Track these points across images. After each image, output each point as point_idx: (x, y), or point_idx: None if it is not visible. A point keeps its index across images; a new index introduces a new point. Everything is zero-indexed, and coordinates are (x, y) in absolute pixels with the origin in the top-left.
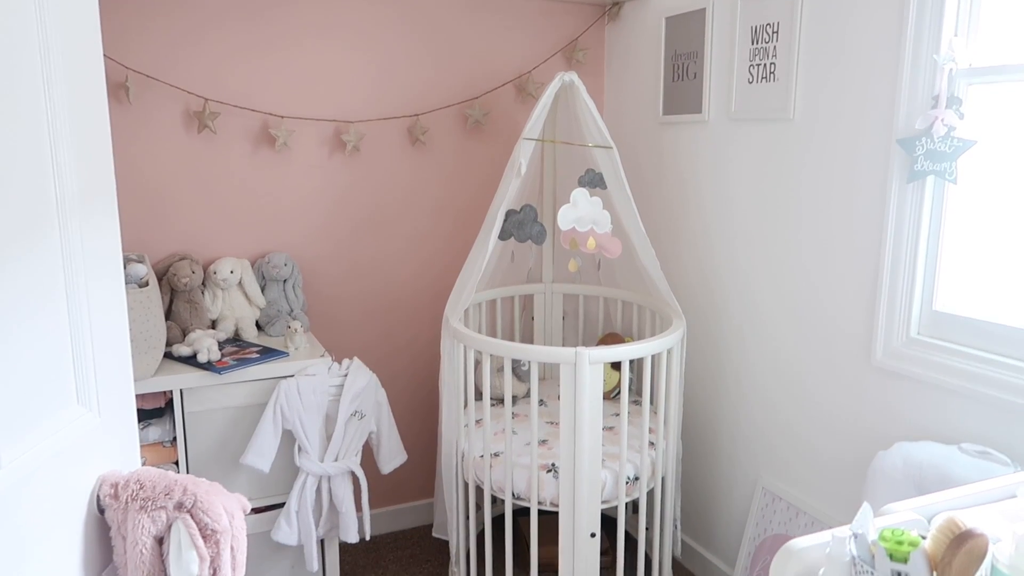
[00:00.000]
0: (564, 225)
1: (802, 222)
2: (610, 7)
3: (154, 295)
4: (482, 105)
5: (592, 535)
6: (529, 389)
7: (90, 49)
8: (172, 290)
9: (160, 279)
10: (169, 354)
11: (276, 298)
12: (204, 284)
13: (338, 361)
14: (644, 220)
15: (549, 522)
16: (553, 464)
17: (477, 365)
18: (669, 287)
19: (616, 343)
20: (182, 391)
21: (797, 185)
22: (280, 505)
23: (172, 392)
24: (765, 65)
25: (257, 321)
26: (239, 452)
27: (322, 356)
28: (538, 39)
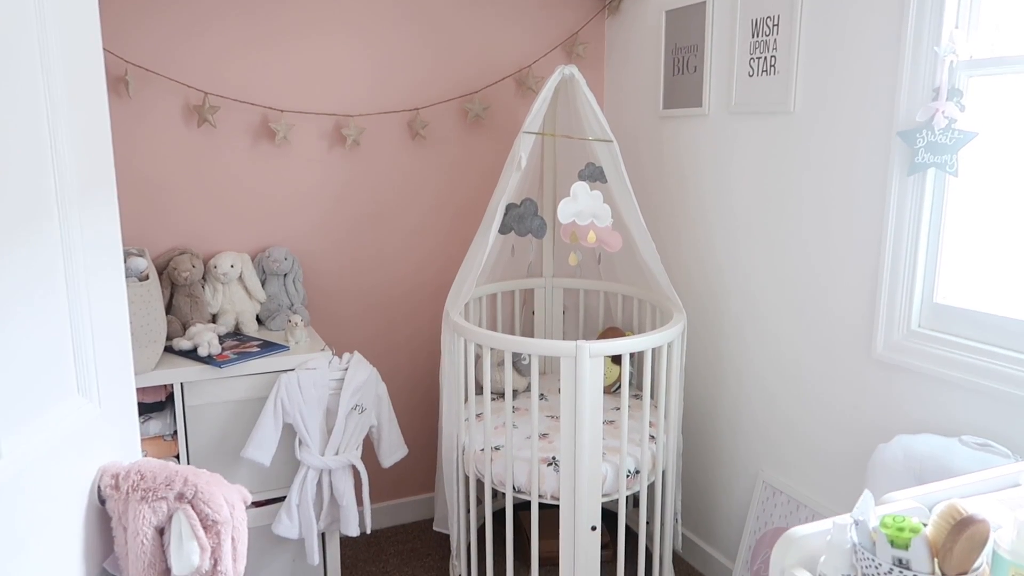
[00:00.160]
0: (564, 219)
1: (802, 215)
2: (610, 1)
3: (154, 289)
4: (482, 99)
5: (593, 528)
6: (529, 383)
7: (89, 42)
8: (172, 284)
9: (160, 273)
10: (170, 348)
11: (276, 292)
12: (204, 278)
13: (339, 355)
14: (644, 214)
15: (550, 516)
16: (554, 457)
17: (477, 359)
18: (669, 281)
19: (617, 338)
20: (183, 385)
21: (797, 178)
22: (281, 499)
23: (173, 386)
24: (765, 58)
25: (257, 315)
26: (240, 446)
27: (323, 350)
28: (538, 33)
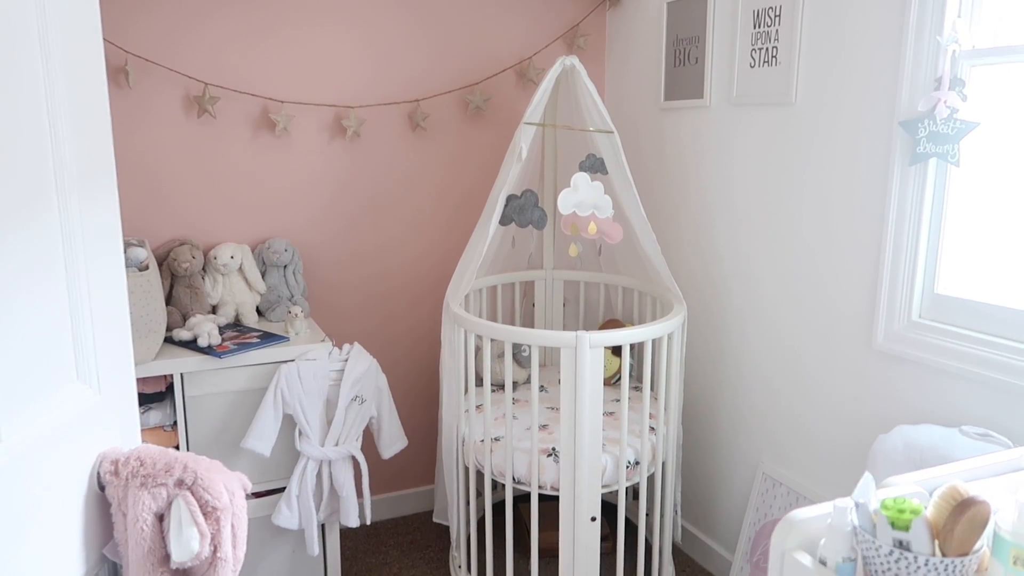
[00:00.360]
0: (565, 210)
1: (803, 206)
2: None
3: (154, 279)
4: (483, 90)
5: (592, 519)
6: (529, 375)
7: (90, 31)
8: (172, 275)
9: (160, 264)
10: (169, 338)
11: (276, 283)
12: (204, 269)
13: (339, 346)
14: (645, 205)
15: (549, 508)
16: (553, 448)
17: (478, 351)
18: (670, 272)
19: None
20: (182, 375)
21: (799, 169)
22: (281, 490)
23: (172, 376)
24: (767, 49)
25: (257, 307)
26: (239, 436)
27: (323, 341)
28: (539, 25)
